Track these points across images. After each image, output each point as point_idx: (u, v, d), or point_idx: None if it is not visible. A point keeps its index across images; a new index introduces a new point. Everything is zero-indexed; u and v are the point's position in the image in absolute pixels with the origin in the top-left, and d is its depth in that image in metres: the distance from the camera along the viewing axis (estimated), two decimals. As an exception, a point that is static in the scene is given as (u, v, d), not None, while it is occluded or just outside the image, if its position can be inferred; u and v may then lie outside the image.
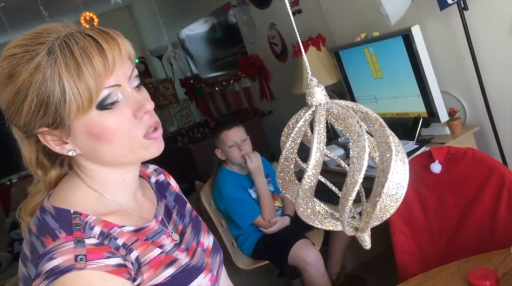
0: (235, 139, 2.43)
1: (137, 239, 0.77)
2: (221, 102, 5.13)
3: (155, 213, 0.87)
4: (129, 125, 0.74)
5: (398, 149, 0.56)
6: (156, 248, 0.79)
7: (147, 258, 0.76)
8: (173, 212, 0.92)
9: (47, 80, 0.69)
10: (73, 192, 0.78)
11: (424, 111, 2.29)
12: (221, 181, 2.51)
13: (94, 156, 0.77)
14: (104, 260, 0.69)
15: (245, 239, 2.53)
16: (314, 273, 2.29)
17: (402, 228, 1.74)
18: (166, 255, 0.80)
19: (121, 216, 0.79)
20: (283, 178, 0.64)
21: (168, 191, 0.97)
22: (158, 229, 0.83)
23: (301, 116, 0.60)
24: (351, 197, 0.55)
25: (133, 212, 0.82)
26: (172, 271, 0.78)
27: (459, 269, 1.25)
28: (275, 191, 2.61)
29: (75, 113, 0.71)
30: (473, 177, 1.53)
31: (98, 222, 0.75)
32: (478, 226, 1.54)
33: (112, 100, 0.73)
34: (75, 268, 0.66)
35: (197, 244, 0.90)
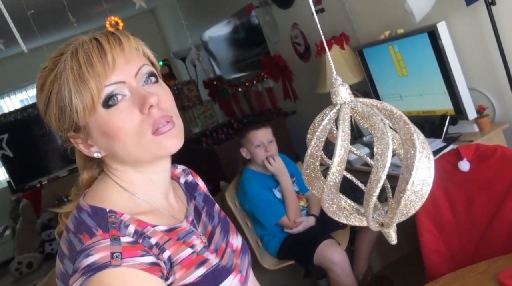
0: (262, 140, 2.43)
1: (170, 238, 0.78)
2: (245, 103, 5.14)
3: (186, 214, 0.88)
4: (136, 121, 0.74)
5: (423, 145, 0.56)
6: (188, 248, 0.80)
7: (179, 257, 0.77)
8: (202, 213, 0.93)
9: (61, 87, 0.74)
10: (107, 191, 0.80)
11: (451, 108, 2.25)
12: (246, 181, 2.52)
13: (113, 155, 0.79)
14: (139, 258, 0.70)
15: (270, 239, 2.54)
16: (340, 273, 2.27)
17: (429, 227, 1.72)
18: (197, 255, 0.80)
19: (153, 216, 0.80)
20: (309, 175, 0.64)
21: (197, 191, 0.98)
22: (189, 229, 0.84)
23: (326, 115, 0.61)
24: (375, 193, 0.55)
25: (165, 213, 0.83)
26: (203, 271, 0.79)
27: (489, 268, 1.23)
28: (300, 190, 2.60)
29: (83, 115, 0.73)
30: (503, 175, 1.49)
31: (133, 220, 0.76)
32: (509, 225, 1.51)
33: (116, 98, 0.74)
34: (111, 265, 0.68)
35: (226, 244, 0.90)
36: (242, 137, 2.51)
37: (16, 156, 6.02)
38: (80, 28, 3.76)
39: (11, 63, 6.05)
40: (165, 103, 0.77)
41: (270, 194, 2.49)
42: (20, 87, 6.79)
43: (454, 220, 1.68)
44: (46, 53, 0.79)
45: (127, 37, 0.76)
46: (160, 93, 0.77)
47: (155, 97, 0.74)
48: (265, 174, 2.52)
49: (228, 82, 5.22)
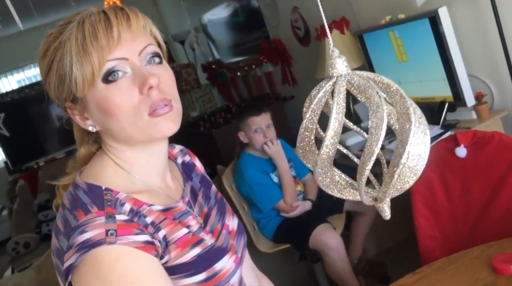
0: (261, 125, 2.43)
1: (165, 218, 0.78)
2: (243, 87, 5.12)
3: (182, 194, 0.88)
4: (134, 101, 0.73)
5: (420, 120, 0.55)
6: (183, 228, 0.80)
7: (174, 237, 0.77)
8: (198, 194, 0.92)
9: (63, 56, 0.73)
10: (103, 169, 0.80)
11: (450, 95, 2.24)
12: (243, 165, 2.52)
13: (108, 131, 0.78)
14: (133, 236, 0.70)
15: (266, 222, 2.55)
16: (335, 257, 2.29)
17: (425, 212, 1.73)
18: (193, 235, 0.80)
19: (149, 195, 0.80)
20: (303, 148, 0.64)
21: (194, 172, 0.97)
22: (185, 210, 0.84)
23: (322, 87, 0.60)
24: (368, 166, 0.55)
25: (161, 193, 0.83)
26: (198, 251, 0.79)
27: (483, 253, 1.24)
28: (297, 175, 2.61)
29: (81, 87, 0.73)
30: (499, 161, 1.50)
31: (128, 199, 0.76)
32: (503, 211, 1.52)
33: (116, 75, 0.73)
34: (106, 242, 0.68)
35: (222, 226, 0.90)
36: (241, 121, 2.50)
37: (13, 136, 6.01)
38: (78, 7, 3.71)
39: (8, 43, 5.99)
40: (165, 86, 0.76)
41: (267, 178, 2.50)
42: (17, 68, 6.75)
43: (449, 206, 1.69)
44: (44, 33, 0.78)
45: (135, 14, 0.75)
46: (162, 75, 0.76)
47: (155, 78, 0.73)
48: (262, 158, 2.52)
49: (227, 66, 5.19)
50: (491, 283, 1.12)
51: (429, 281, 1.22)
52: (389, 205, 0.61)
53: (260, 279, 1.08)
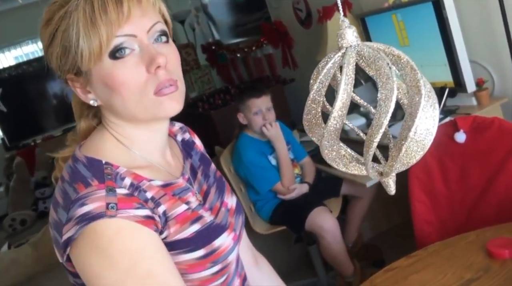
0: (261, 108, 2.42)
1: (165, 193, 0.78)
2: (243, 69, 5.08)
3: (182, 171, 0.87)
4: (141, 79, 0.73)
5: (429, 94, 0.54)
6: (183, 204, 0.80)
7: (174, 212, 0.77)
8: (198, 172, 0.92)
9: (69, 26, 0.71)
10: (104, 144, 0.79)
11: (451, 81, 2.23)
12: (241, 146, 2.52)
13: (110, 107, 0.78)
14: (134, 211, 0.70)
15: (263, 204, 2.55)
16: (330, 240, 2.30)
17: (422, 197, 1.73)
18: (192, 211, 0.80)
19: (150, 171, 0.80)
20: (309, 121, 0.63)
21: (193, 150, 0.97)
22: (185, 186, 0.84)
23: (330, 59, 0.59)
24: (376, 139, 0.54)
25: (161, 169, 0.83)
26: (197, 227, 0.79)
27: (479, 238, 1.25)
28: (295, 158, 2.61)
29: (87, 60, 0.71)
30: (498, 147, 1.50)
31: (129, 174, 0.76)
32: (500, 197, 1.52)
33: (124, 51, 0.72)
34: (106, 215, 0.67)
35: (220, 204, 0.91)
36: (241, 103, 2.49)
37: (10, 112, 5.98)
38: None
39: (6, 18, 5.92)
40: (172, 66, 0.75)
41: (265, 160, 2.50)
42: (15, 44, 6.67)
43: (446, 191, 1.69)
44: (42, 8, 0.77)
45: None
46: (168, 55, 0.75)
47: (164, 58, 0.73)
48: (260, 140, 2.52)
49: (227, 47, 5.15)
50: (485, 267, 1.13)
51: (424, 264, 1.23)
52: (395, 180, 0.60)
53: (257, 258, 1.09)
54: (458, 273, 1.14)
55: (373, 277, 1.25)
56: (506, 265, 1.11)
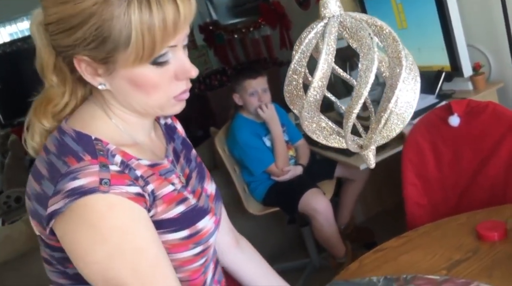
0: (257, 89, 2.41)
1: (153, 173, 0.78)
2: (240, 50, 5.05)
3: (166, 153, 0.88)
4: (169, 83, 0.74)
5: (411, 67, 0.54)
6: (170, 184, 0.80)
7: (161, 192, 0.77)
8: (180, 156, 0.92)
9: (114, 18, 0.66)
10: (93, 119, 0.78)
11: (448, 65, 2.22)
12: (236, 127, 2.51)
13: (124, 99, 0.77)
14: (126, 187, 0.70)
15: (257, 185, 2.56)
16: (323, 222, 2.32)
17: (414, 180, 1.73)
18: (178, 192, 0.81)
19: (137, 150, 0.80)
20: (290, 92, 0.63)
21: (175, 134, 0.97)
22: (169, 167, 0.84)
23: (313, 28, 0.58)
24: (355, 110, 0.53)
25: (147, 148, 0.83)
26: (182, 208, 0.80)
27: (469, 220, 1.25)
28: (290, 140, 2.61)
29: (131, 62, 0.69)
30: (491, 131, 1.49)
31: (118, 151, 0.75)
32: (492, 181, 1.53)
33: (165, 59, 0.72)
34: (99, 190, 0.67)
35: (201, 189, 0.91)
36: (237, 83, 2.47)
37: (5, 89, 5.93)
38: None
39: (1, -6, 5.83)
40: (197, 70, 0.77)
41: (259, 142, 2.50)
42: (10, 20, 6.58)
43: (439, 174, 1.70)
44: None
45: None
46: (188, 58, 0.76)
47: (196, 71, 0.75)
48: (256, 121, 2.51)
49: (224, 27, 5.10)
50: (474, 249, 1.14)
51: (414, 244, 1.24)
52: (374, 154, 0.60)
53: (239, 240, 1.09)
54: (447, 254, 1.15)
55: (363, 257, 1.26)
56: (494, 247, 1.12)
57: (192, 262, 0.81)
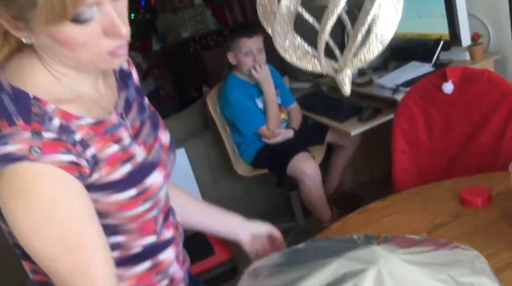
0: (252, 48, 2.36)
1: (96, 134, 0.75)
2: (239, 11, 4.94)
3: (115, 104, 0.83)
4: (97, 41, 0.69)
5: None
6: (114, 144, 0.77)
7: (104, 154, 0.75)
8: (133, 105, 0.88)
9: None
10: (32, 72, 0.74)
11: (447, 33, 2.18)
12: (229, 87, 2.48)
13: (53, 54, 0.73)
14: (58, 155, 0.68)
15: (247, 147, 2.55)
16: (311, 185, 2.32)
17: (404, 147, 1.73)
18: (124, 151, 0.78)
19: (80, 105, 0.76)
20: (264, 6, 0.59)
21: (130, 80, 0.92)
22: (117, 122, 0.81)
23: None
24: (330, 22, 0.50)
25: (92, 102, 0.79)
26: (128, 168, 0.77)
27: (454, 186, 1.25)
28: (283, 103, 2.58)
29: (44, 22, 0.65)
30: (485, 100, 1.48)
31: (57, 112, 0.72)
32: (481, 150, 1.52)
33: (88, 16, 0.66)
34: (28, 158, 0.65)
35: (154, 139, 0.88)
36: (232, 41, 2.43)
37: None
38: None
39: None
40: (125, 22, 0.70)
41: (252, 103, 2.47)
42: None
43: (429, 142, 1.69)
44: None
45: None
46: (122, 11, 0.70)
47: (127, 29, 0.69)
48: (249, 82, 2.48)
49: (223, -14, 4.98)
50: (456, 214, 1.14)
51: (397, 207, 1.24)
52: (351, 79, 0.57)
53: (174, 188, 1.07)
54: (429, 217, 1.15)
55: (346, 217, 1.26)
56: (477, 213, 1.13)
57: (142, 216, 0.81)
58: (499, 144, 1.45)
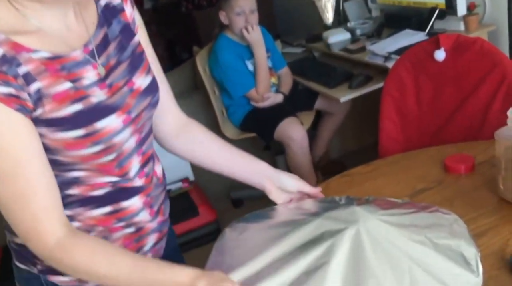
0: (244, 8, 2.31)
1: (47, 69, 0.73)
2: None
3: (86, 41, 0.80)
4: None
5: None
6: (67, 82, 0.75)
7: (52, 90, 0.73)
8: (111, 43, 0.84)
9: None
10: None
11: (443, 2, 2.15)
12: (219, 47, 2.43)
13: None
14: None
15: (235, 109, 2.53)
16: (297, 150, 2.32)
17: (392, 115, 1.72)
18: (77, 90, 0.76)
19: (38, 39, 0.73)
20: None
21: (116, 18, 0.87)
22: (82, 60, 0.78)
23: None
24: None
25: (56, 36, 0.76)
26: (78, 107, 0.75)
27: (439, 153, 1.25)
28: (273, 67, 2.55)
29: None
30: (476, 68, 1.46)
31: (6, 42, 0.69)
32: (468, 120, 1.52)
33: None
34: None
35: (126, 82, 0.84)
36: (224, 0, 2.37)
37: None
38: None
39: None
40: None
41: (242, 65, 2.43)
42: None
43: (417, 110, 1.68)
44: None
45: None
46: None
47: None
48: (240, 43, 2.43)
49: None
50: (439, 180, 1.14)
51: (381, 172, 1.24)
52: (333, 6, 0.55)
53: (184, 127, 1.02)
54: (412, 183, 1.15)
55: (330, 180, 1.27)
56: (459, 179, 1.13)
57: (94, 159, 0.79)
58: (485, 114, 1.44)
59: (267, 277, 0.74)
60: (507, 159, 0.95)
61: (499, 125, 1.06)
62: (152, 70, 0.91)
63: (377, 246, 0.76)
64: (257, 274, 0.76)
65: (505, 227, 0.92)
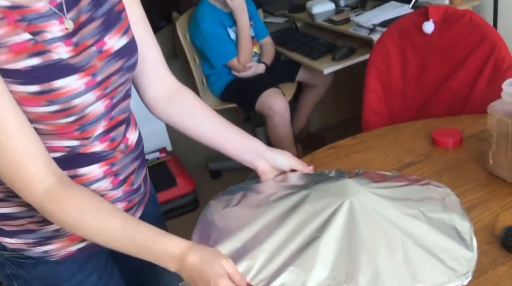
0: None
1: (4, 17, 0.68)
2: None
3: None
4: None
5: None
6: (27, 33, 0.70)
7: (9, 40, 0.68)
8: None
9: None
10: None
11: (430, -26, 2.11)
12: (200, 14, 2.35)
13: None
14: None
15: (216, 79, 2.47)
16: (278, 122, 2.29)
17: (376, 88, 1.69)
18: (36, 43, 0.71)
19: None
20: None
21: None
22: (46, 12, 0.73)
23: None
24: None
25: None
26: (35, 62, 0.71)
27: (426, 127, 1.24)
28: (256, 36, 2.48)
29: None
30: (464, 41, 1.44)
31: None
32: (452, 94, 1.51)
33: None
34: None
35: (95, 42, 0.78)
36: None
37: None
38: None
39: None
40: None
41: (224, 32, 2.36)
42: None
43: (402, 84, 1.66)
44: None
45: None
46: None
47: None
48: (223, 10, 2.36)
49: None
50: (426, 153, 1.13)
51: (367, 145, 1.22)
52: None
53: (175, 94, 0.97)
54: (399, 156, 1.14)
55: (316, 152, 1.24)
56: (447, 153, 1.12)
57: (51, 119, 0.75)
58: (472, 88, 1.43)
59: (257, 250, 0.72)
60: (499, 133, 0.93)
61: (485, 100, 1.05)
62: (132, 31, 0.85)
63: (370, 220, 0.74)
64: (245, 246, 0.74)
65: (494, 202, 0.91)
